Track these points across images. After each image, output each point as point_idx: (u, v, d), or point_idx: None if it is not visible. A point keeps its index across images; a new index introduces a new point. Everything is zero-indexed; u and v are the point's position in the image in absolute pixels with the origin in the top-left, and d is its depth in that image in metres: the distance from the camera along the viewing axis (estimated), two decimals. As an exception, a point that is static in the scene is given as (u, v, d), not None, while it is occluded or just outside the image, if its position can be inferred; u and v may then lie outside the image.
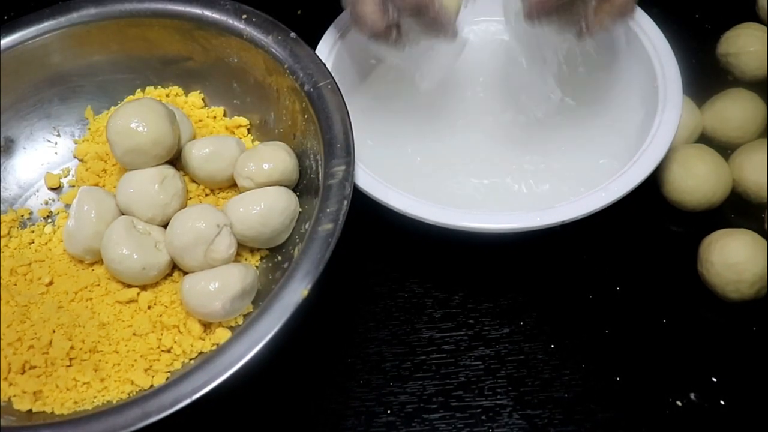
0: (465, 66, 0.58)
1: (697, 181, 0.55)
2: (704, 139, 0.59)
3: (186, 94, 0.59)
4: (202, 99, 0.58)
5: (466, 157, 0.56)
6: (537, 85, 0.53)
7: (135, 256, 0.48)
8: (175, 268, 0.51)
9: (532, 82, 0.54)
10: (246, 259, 0.51)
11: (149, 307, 0.49)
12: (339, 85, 0.50)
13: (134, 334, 0.48)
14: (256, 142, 0.56)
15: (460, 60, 0.53)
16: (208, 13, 0.54)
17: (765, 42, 0.60)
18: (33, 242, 0.54)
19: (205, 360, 0.42)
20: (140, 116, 0.50)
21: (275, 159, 0.51)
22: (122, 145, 0.50)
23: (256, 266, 0.51)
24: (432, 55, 0.51)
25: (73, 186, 0.57)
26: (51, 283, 0.51)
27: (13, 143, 0.57)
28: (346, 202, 0.45)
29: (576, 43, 0.50)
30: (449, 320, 0.53)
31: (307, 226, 0.47)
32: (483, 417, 0.49)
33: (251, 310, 0.49)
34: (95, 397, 0.46)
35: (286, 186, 0.51)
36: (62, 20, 0.55)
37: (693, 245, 0.55)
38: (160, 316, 0.49)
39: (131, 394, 0.46)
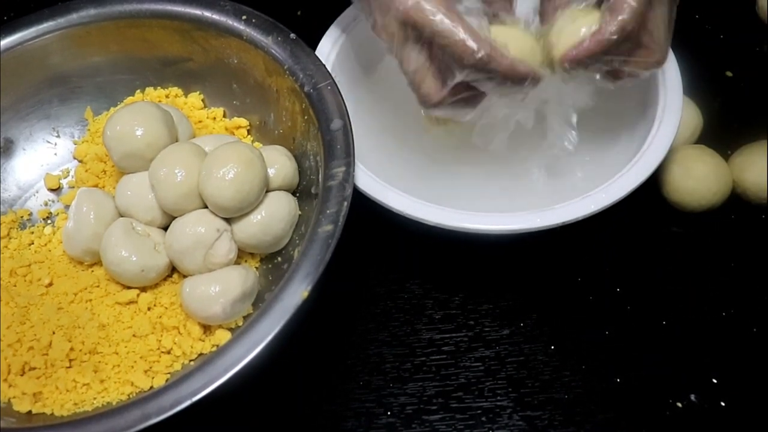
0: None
1: (697, 181, 0.55)
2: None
3: (186, 95, 0.58)
4: (202, 100, 0.58)
5: (467, 158, 0.56)
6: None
7: (134, 258, 0.48)
8: (174, 269, 0.51)
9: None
10: (246, 261, 0.51)
11: (149, 309, 0.49)
12: (339, 86, 0.50)
13: (134, 336, 0.48)
14: (257, 144, 0.56)
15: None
16: (207, 13, 0.54)
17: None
18: (32, 243, 0.54)
19: (205, 361, 0.42)
20: (135, 121, 0.50)
21: (276, 164, 0.50)
22: (118, 150, 0.50)
23: (255, 268, 0.51)
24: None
25: (73, 187, 0.57)
26: (51, 284, 0.51)
27: (13, 144, 0.57)
28: (346, 204, 0.45)
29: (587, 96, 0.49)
30: (449, 321, 0.53)
31: (307, 227, 0.47)
32: (483, 418, 0.49)
33: (251, 311, 0.49)
34: (95, 398, 0.46)
35: (286, 190, 0.51)
36: (62, 21, 0.55)
37: (693, 246, 0.55)
38: (160, 317, 0.49)
39: (131, 396, 0.46)
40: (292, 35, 0.53)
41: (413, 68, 0.45)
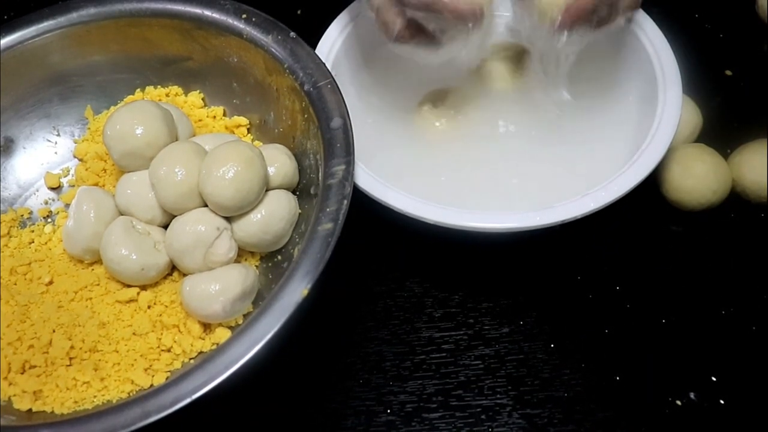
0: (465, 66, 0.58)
1: (697, 180, 0.55)
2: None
3: (186, 93, 0.59)
4: (202, 99, 0.58)
5: (466, 156, 0.56)
6: (546, 88, 0.53)
7: (134, 257, 0.48)
8: (175, 268, 0.51)
9: (540, 84, 0.54)
10: (246, 260, 0.51)
11: (149, 307, 0.49)
12: (339, 85, 0.50)
13: (134, 334, 0.48)
14: (257, 143, 0.56)
15: (460, 59, 0.53)
16: (207, 12, 0.54)
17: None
18: (33, 242, 0.54)
19: (205, 359, 0.42)
20: (134, 120, 0.50)
21: (276, 163, 0.51)
22: (118, 149, 0.50)
23: (255, 266, 0.51)
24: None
25: (73, 186, 0.57)
26: (51, 282, 0.51)
27: (13, 143, 0.57)
28: (345, 202, 0.45)
29: (583, 44, 0.50)
30: (449, 320, 0.53)
31: (306, 225, 0.47)
32: (483, 416, 0.49)
33: (251, 310, 0.49)
34: (95, 396, 0.46)
35: (286, 189, 0.51)
36: (62, 20, 0.55)
37: (692, 245, 0.55)
38: (160, 315, 0.49)
39: (131, 394, 0.46)
40: (292, 34, 0.53)
41: (377, 3, 0.48)
